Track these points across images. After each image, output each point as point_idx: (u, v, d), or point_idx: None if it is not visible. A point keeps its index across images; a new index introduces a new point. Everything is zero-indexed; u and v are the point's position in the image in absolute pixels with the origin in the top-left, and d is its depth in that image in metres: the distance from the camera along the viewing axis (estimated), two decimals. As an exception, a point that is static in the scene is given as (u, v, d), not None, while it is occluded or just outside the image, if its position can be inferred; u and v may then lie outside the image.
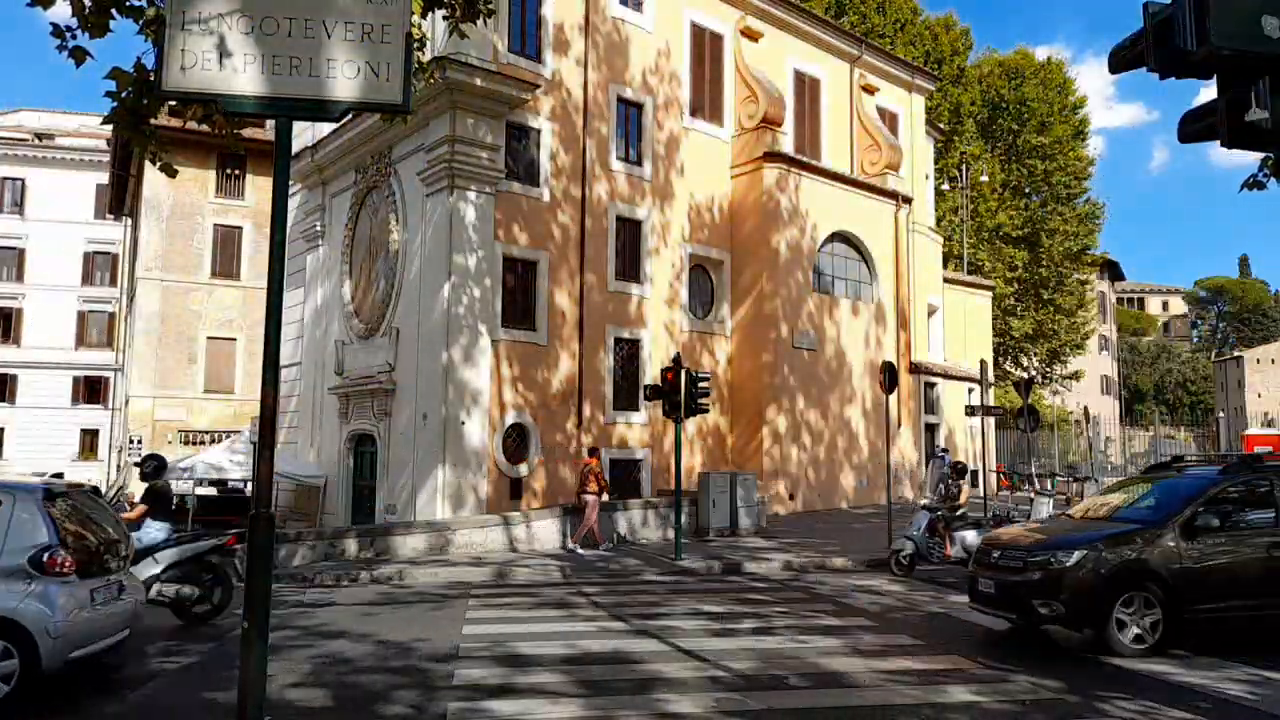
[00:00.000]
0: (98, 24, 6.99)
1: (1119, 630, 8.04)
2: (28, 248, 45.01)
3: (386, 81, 4.64)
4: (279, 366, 4.57)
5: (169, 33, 4.52)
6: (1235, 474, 8.99)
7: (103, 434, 44.27)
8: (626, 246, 21.13)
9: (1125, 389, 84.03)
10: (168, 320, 29.69)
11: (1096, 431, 41.62)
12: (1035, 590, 8.26)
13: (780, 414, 21.93)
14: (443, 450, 17.40)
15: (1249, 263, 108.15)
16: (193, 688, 6.91)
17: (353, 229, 21.99)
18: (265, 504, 4.51)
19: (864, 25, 39.65)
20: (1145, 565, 8.13)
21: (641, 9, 21.76)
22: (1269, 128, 4.80)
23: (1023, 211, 41.90)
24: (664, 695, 6.61)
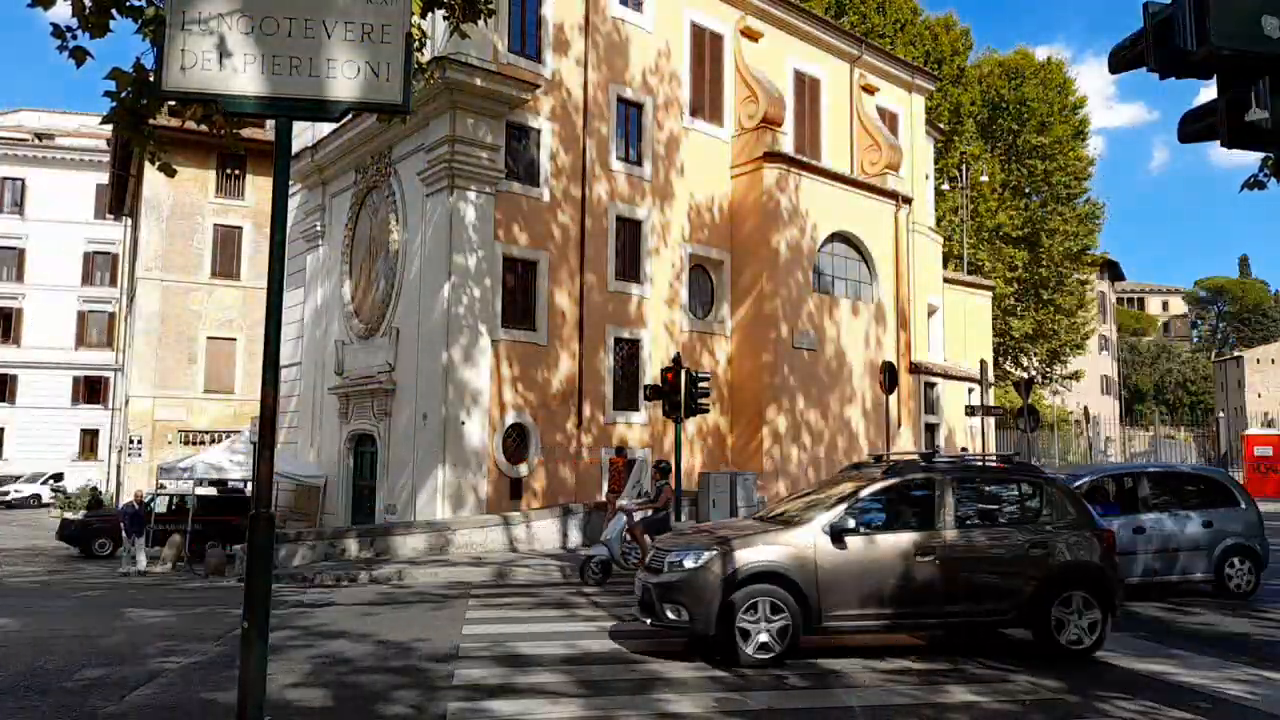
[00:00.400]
0: (98, 24, 7.00)
1: (743, 639, 7.43)
2: (28, 248, 45.03)
3: (386, 81, 4.64)
4: (279, 366, 4.57)
5: (169, 33, 4.52)
6: (896, 474, 8.43)
7: (103, 434, 44.27)
8: (626, 246, 21.13)
9: (1125, 389, 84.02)
10: (168, 320, 29.70)
11: (1096, 431, 41.66)
12: (664, 594, 7.77)
13: (780, 414, 21.93)
14: (443, 450, 17.40)
15: (1249, 263, 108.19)
16: (193, 688, 6.91)
17: (353, 229, 21.99)
18: (265, 504, 4.52)
19: (864, 25, 39.65)
20: (773, 569, 7.57)
21: (641, 9, 21.75)
22: (1269, 128, 4.80)
23: (1023, 211, 41.91)
24: (664, 695, 6.61)
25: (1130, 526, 11.06)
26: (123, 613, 11.11)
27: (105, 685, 6.94)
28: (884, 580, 7.72)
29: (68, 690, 6.78)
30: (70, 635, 9.17)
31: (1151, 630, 9.33)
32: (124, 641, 8.83)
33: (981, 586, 7.92)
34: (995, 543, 8.07)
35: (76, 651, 8.23)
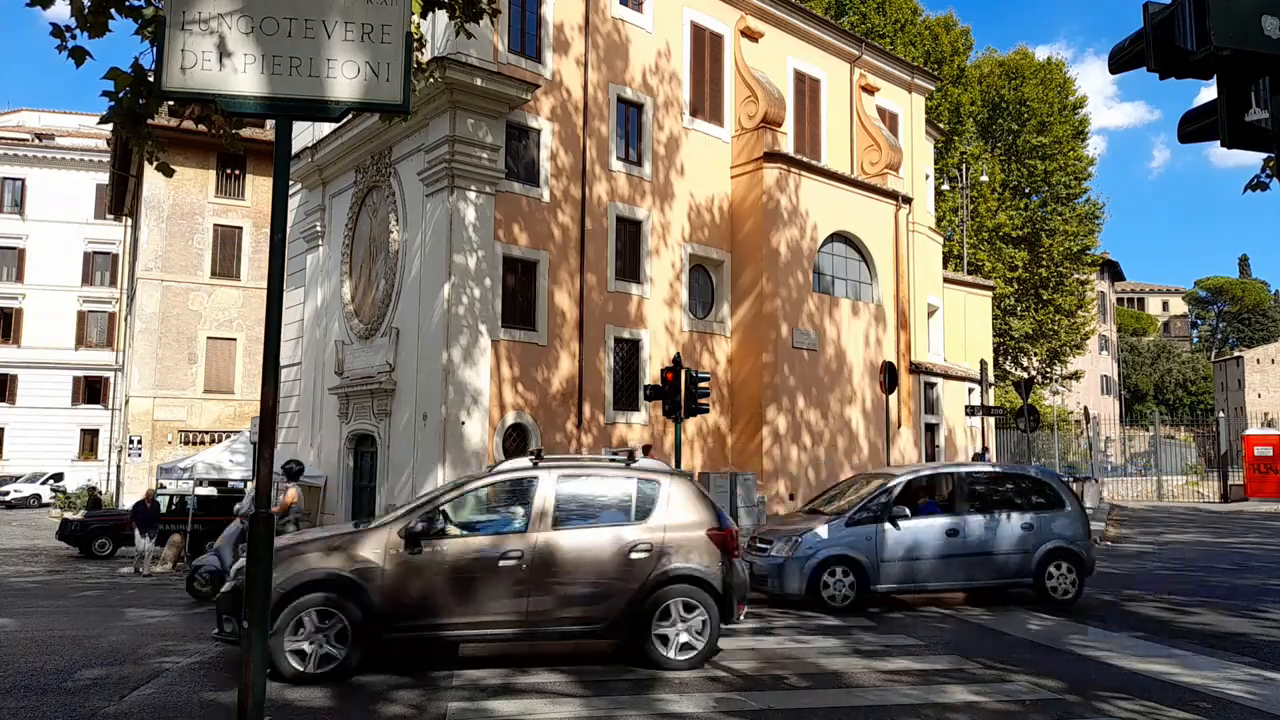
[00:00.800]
0: (96, 24, 6.99)
1: (290, 658, 6.92)
2: (28, 248, 45.04)
3: (386, 81, 4.64)
4: (279, 366, 4.57)
5: (169, 33, 4.52)
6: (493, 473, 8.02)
7: (103, 434, 44.28)
8: (626, 246, 21.13)
9: (1125, 389, 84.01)
10: (168, 320, 29.71)
11: (1096, 431, 41.67)
12: (224, 605, 7.55)
13: (780, 414, 21.93)
14: (443, 450, 17.40)
15: (1249, 263, 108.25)
16: (193, 688, 6.91)
17: (353, 229, 21.99)
18: (265, 504, 4.51)
19: (864, 25, 39.67)
20: (332, 576, 7.04)
21: (641, 9, 21.76)
22: (1269, 128, 4.80)
23: (1023, 211, 41.92)
24: (664, 695, 6.61)
25: (944, 529, 10.80)
26: (123, 613, 11.11)
27: (105, 685, 6.93)
28: (457, 586, 7.18)
29: (68, 690, 6.77)
30: (70, 635, 9.16)
31: (1151, 630, 9.33)
32: (124, 641, 8.82)
33: (574, 593, 7.34)
34: (589, 546, 7.44)
35: (76, 651, 8.23)
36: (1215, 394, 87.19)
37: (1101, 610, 10.61)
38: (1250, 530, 21.89)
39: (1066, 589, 10.94)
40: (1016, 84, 42.21)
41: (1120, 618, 10.09)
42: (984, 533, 10.90)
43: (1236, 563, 15.49)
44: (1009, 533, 10.95)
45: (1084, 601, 11.16)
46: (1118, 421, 59.03)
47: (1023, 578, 10.95)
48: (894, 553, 10.60)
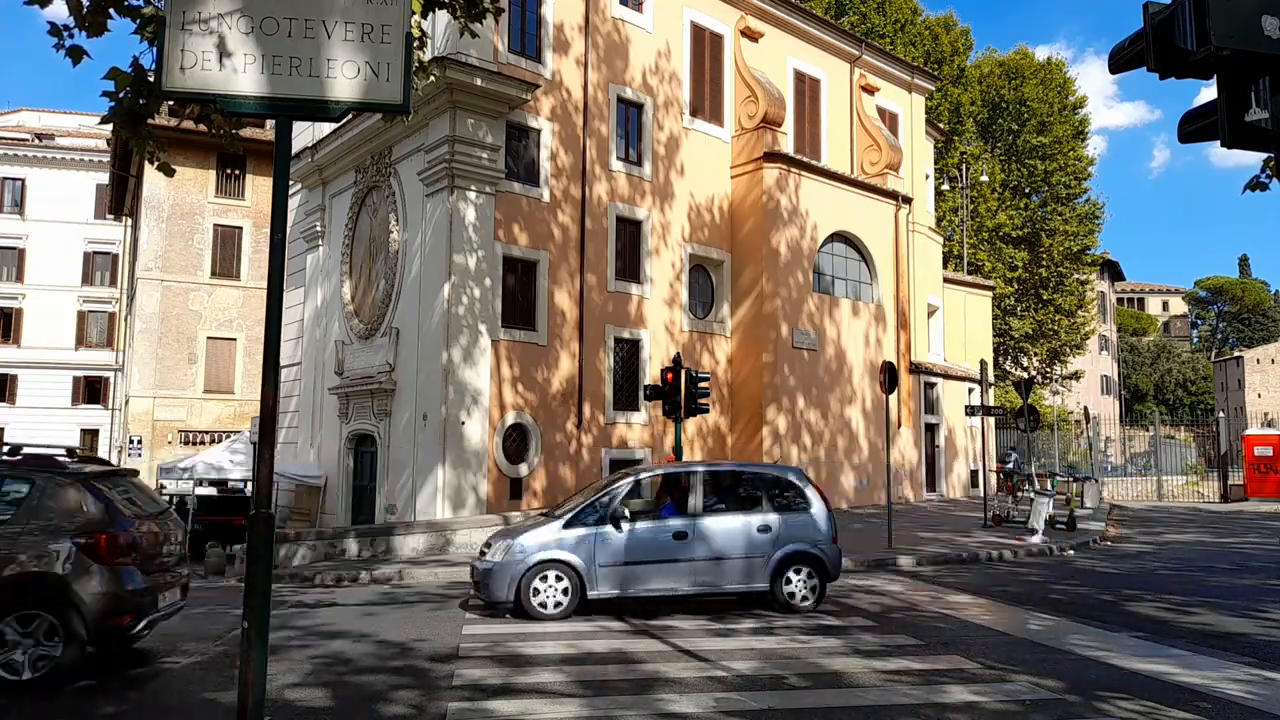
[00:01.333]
0: (95, 23, 6.98)
1: None
2: (28, 248, 45.02)
3: (386, 81, 4.64)
4: (279, 366, 4.57)
5: (169, 32, 4.52)
6: None
7: (103, 434, 44.30)
8: (626, 246, 21.13)
9: (1125, 389, 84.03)
10: (168, 320, 29.70)
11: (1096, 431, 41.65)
12: None
13: (780, 414, 21.93)
14: (443, 450, 17.40)
15: (1249, 263, 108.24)
16: (193, 688, 6.91)
17: (353, 229, 22.00)
18: (265, 504, 4.51)
19: (864, 25, 39.68)
20: None
21: (641, 9, 21.76)
22: (1269, 128, 4.80)
23: (1023, 211, 41.93)
24: (664, 695, 6.61)
25: (671, 532, 10.05)
26: (123, 613, 11.09)
27: (105, 685, 6.93)
28: None
29: (67, 690, 6.77)
30: (70, 635, 9.16)
31: (1151, 630, 9.33)
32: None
33: None
34: None
35: (76, 651, 8.22)
36: (1215, 394, 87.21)
37: (1101, 610, 10.61)
38: (1250, 530, 21.89)
39: (805, 595, 10.21)
40: (1016, 84, 42.21)
41: (1120, 618, 10.08)
42: (716, 536, 10.17)
43: (1236, 563, 15.49)
44: (744, 536, 10.23)
45: (1084, 601, 11.16)
46: (1118, 421, 59.06)
47: (758, 584, 10.21)
48: (614, 557, 9.86)
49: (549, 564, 9.81)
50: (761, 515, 10.40)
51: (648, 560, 10.00)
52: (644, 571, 9.99)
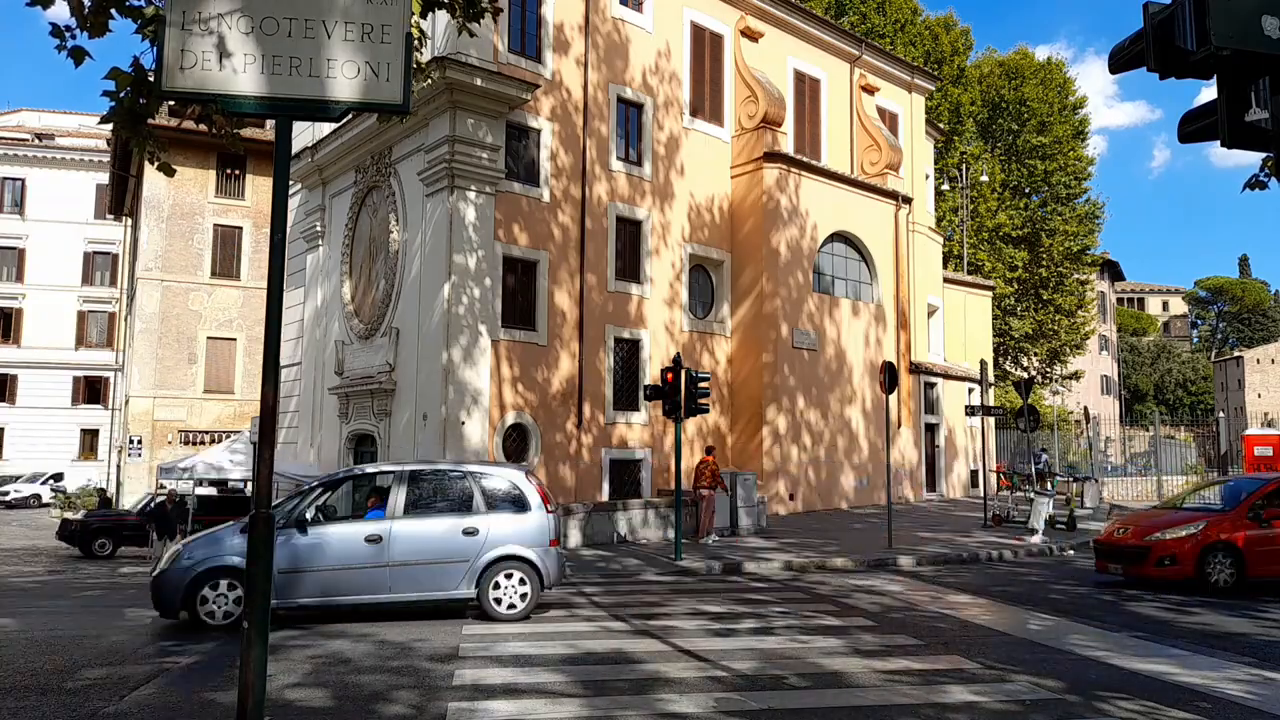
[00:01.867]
0: (96, 24, 6.98)
1: None
2: (28, 248, 45.05)
3: (386, 81, 4.64)
4: (279, 366, 4.57)
5: (169, 32, 4.52)
6: None
7: (103, 434, 44.30)
8: (626, 246, 21.13)
9: (1125, 389, 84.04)
10: (168, 320, 29.71)
11: (1096, 431, 41.65)
12: None
13: (780, 414, 21.93)
14: (443, 450, 17.40)
15: (1249, 263, 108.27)
16: (193, 688, 6.90)
17: (353, 229, 22.00)
18: (265, 504, 4.51)
19: (864, 25, 39.68)
20: None
21: (641, 9, 21.76)
22: (1269, 128, 4.80)
23: (1023, 211, 41.93)
24: (664, 695, 6.60)
25: (364, 536, 9.37)
26: (123, 613, 11.10)
27: (105, 685, 6.93)
28: None
29: (68, 690, 6.77)
30: (70, 635, 9.16)
31: (1151, 630, 9.33)
32: (124, 641, 8.82)
33: None
34: None
35: (76, 651, 8.23)
36: (1215, 394, 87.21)
37: (1101, 610, 10.61)
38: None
39: (514, 602, 9.58)
40: (1016, 84, 42.21)
41: (1120, 618, 10.08)
42: (415, 540, 9.50)
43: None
44: (447, 539, 9.57)
45: (1084, 601, 11.16)
46: (1118, 421, 59.05)
47: (462, 589, 9.57)
48: (300, 563, 9.17)
49: (219, 571, 9.13)
50: (471, 518, 9.68)
51: (341, 567, 9.28)
52: (337, 580, 9.30)
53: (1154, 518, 12.92)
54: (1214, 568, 11.74)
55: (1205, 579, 11.68)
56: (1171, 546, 11.89)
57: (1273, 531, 11.87)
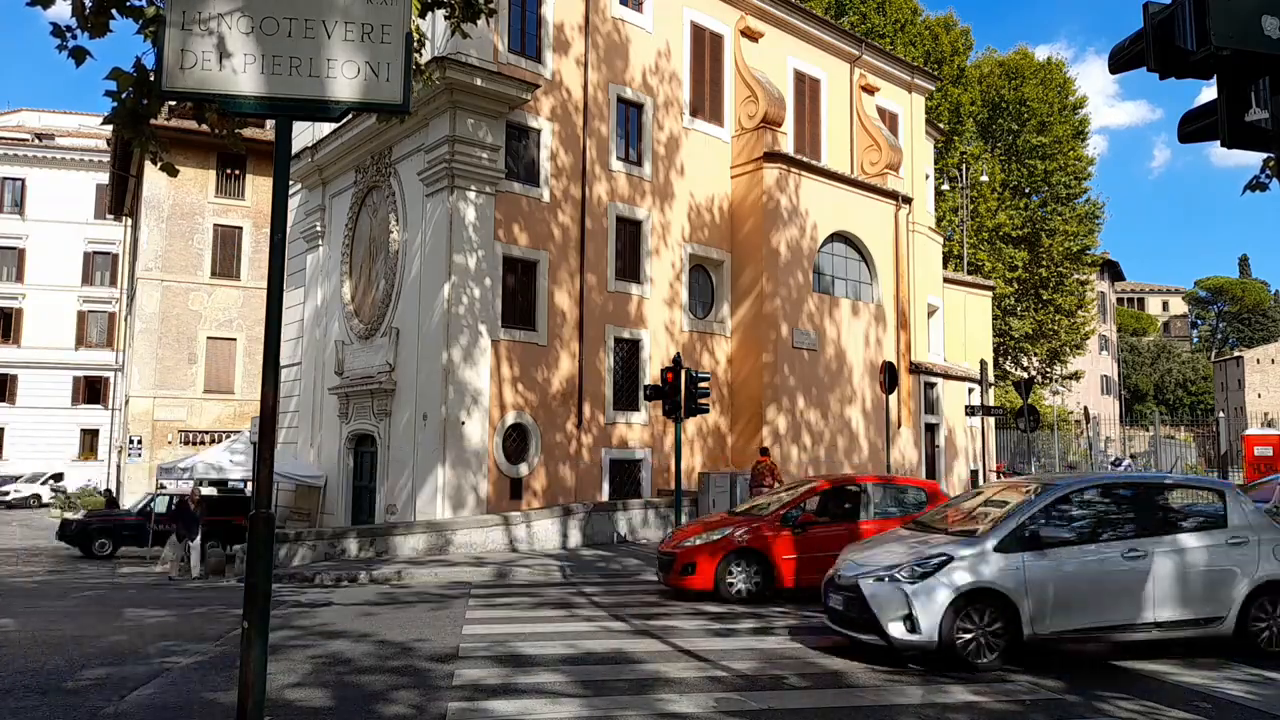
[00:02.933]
0: (97, 24, 6.98)
1: None
2: (28, 248, 45.05)
3: (386, 81, 4.64)
4: (279, 366, 4.57)
5: (169, 33, 4.52)
6: None
7: (103, 434, 44.31)
8: (626, 246, 21.13)
9: (1125, 389, 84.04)
10: (168, 320, 29.72)
11: (1096, 431, 41.66)
12: None
13: (780, 414, 21.93)
14: (443, 450, 17.40)
15: (1249, 263, 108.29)
16: (193, 688, 6.91)
17: (353, 229, 22.00)
18: (265, 504, 4.51)
19: (864, 25, 39.68)
20: None
21: (641, 9, 21.75)
22: (1269, 128, 4.80)
23: (1023, 211, 41.93)
24: (664, 695, 6.61)
25: None
26: (123, 613, 11.12)
27: (105, 685, 6.93)
28: None
29: (68, 690, 6.78)
30: (70, 635, 9.17)
31: (1151, 630, 9.32)
32: (124, 641, 8.83)
33: None
34: None
35: (76, 651, 8.23)
36: (1215, 394, 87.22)
37: (1101, 610, 10.60)
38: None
39: None
40: (1016, 84, 42.21)
41: (1120, 618, 10.07)
42: None
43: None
44: None
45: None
46: (1118, 421, 59.07)
47: None
48: None
49: None
50: None
51: None
52: None
53: (709, 524, 12.14)
54: (735, 577, 10.99)
55: (724, 588, 10.91)
56: (693, 554, 11.13)
57: (809, 537, 11.15)
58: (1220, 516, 8.25)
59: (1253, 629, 7.94)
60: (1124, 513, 8.22)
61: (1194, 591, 7.85)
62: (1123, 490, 8.59)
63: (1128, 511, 8.22)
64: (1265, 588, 8.00)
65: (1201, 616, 7.87)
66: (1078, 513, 8.14)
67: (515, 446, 18.82)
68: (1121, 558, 7.73)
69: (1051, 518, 7.92)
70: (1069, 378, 45.94)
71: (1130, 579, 7.71)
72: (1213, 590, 7.90)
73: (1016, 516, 7.81)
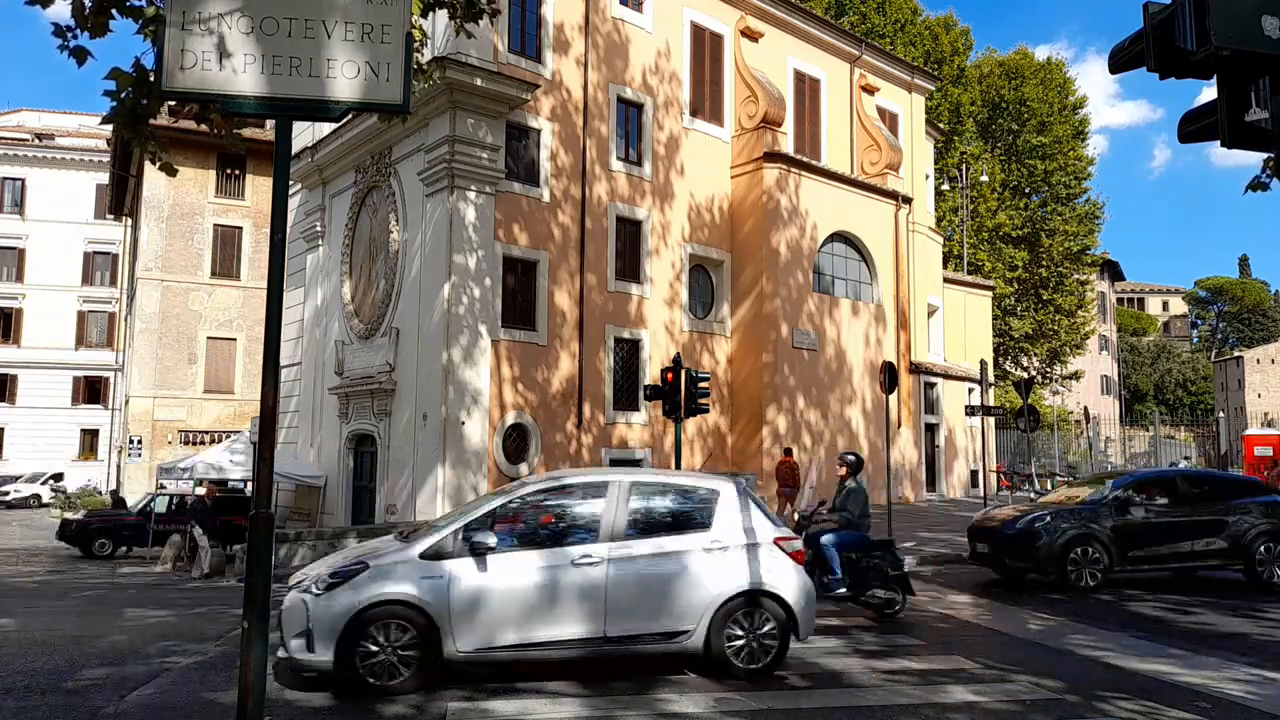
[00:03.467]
0: (97, 24, 6.97)
1: None
2: (28, 248, 45.03)
3: (386, 81, 4.64)
4: (279, 366, 4.57)
5: (169, 32, 4.52)
6: None
7: (103, 434, 44.30)
8: (626, 246, 21.13)
9: (1125, 389, 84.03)
10: (168, 320, 29.71)
11: (1096, 431, 41.67)
12: None
13: (780, 414, 21.93)
14: (443, 450, 17.40)
15: (1249, 263, 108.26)
16: (193, 688, 6.90)
17: (353, 229, 22.00)
18: (265, 504, 4.51)
19: (864, 25, 39.68)
20: None
21: (641, 9, 21.76)
22: (1269, 128, 4.80)
23: (1023, 211, 41.93)
24: (664, 695, 6.60)
25: None
26: (122, 613, 11.11)
27: (105, 685, 6.93)
28: None
29: (68, 690, 6.77)
30: (70, 635, 9.16)
31: (1151, 630, 9.33)
32: (124, 641, 8.82)
33: None
34: None
35: (76, 651, 8.23)
36: (1215, 394, 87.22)
37: (1101, 610, 10.61)
38: (1250, 530, 21.85)
39: None
40: (1016, 84, 42.22)
41: (1120, 618, 10.08)
42: None
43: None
44: None
45: (1084, 601, 11.15)
46: (1118, 421, 59.07)
47: None
48: None
49: None
50: None
51: None
52: None
53: None
54: None
55: None
56: None
57: None
58: (708, 520, 7.34)
59: (728, 646, 7.04)
60: (593, 516, 7.17)
61: (655, 603, 6.93)
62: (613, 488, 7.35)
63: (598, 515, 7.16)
64: (740, 599, 7.10)
65: (663, 631, 6.96)
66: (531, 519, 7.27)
67: (515, 446, 18.82)
68: (573, 565, 6.82)
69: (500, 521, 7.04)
70: (1069, 378, 45.95)
71: (581, 589, 6.81)
72: (678, 602, 6.97)
73: (459, 520, 7.01)
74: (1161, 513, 12.24)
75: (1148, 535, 12.04)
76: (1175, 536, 12.13)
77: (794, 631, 7.26)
